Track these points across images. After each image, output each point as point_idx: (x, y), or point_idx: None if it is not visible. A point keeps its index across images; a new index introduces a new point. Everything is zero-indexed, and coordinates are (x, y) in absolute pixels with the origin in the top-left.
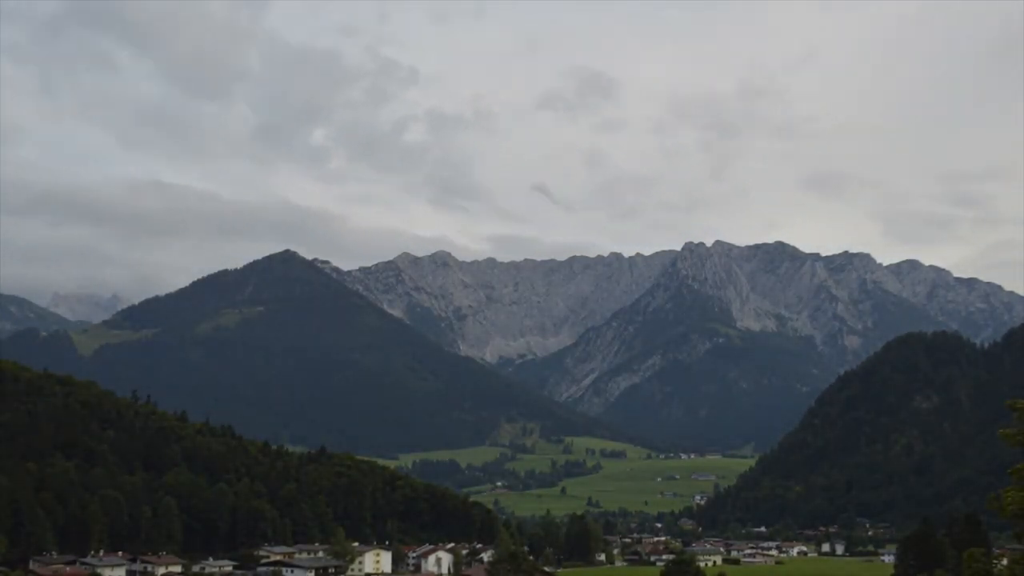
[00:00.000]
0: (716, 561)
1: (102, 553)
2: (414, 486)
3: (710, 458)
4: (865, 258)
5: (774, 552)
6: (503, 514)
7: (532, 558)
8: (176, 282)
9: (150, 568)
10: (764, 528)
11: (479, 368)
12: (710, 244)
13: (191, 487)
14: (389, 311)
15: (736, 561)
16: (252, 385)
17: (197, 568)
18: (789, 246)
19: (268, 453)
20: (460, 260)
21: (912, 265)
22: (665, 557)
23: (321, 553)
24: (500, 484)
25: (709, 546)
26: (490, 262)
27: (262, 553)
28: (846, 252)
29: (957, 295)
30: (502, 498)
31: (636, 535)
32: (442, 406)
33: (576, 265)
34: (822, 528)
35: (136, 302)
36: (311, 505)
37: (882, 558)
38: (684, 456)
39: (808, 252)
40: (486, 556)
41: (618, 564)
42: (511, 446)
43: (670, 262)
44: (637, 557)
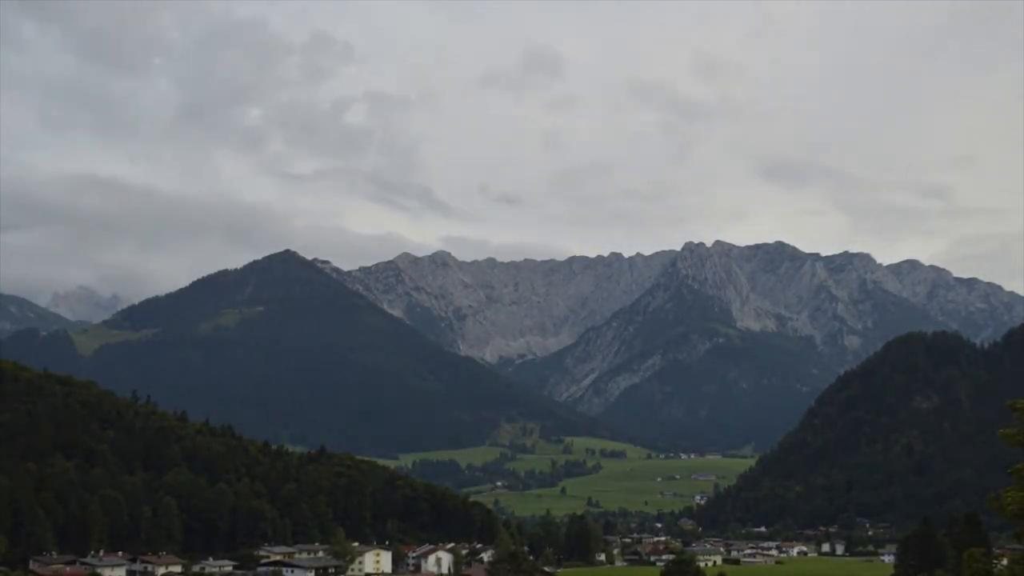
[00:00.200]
0: (716, 561)
1: (102, 553)
2: (414, 486)
3: (710, 458)
4: (865, 258)
5: (774, 552)
6: (503, 514)
7: (532, 558)
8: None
9: (150, 568)
10: (764, 528)
11: (479, 368)
12: (710, 244)
13: (191, 487)
14: (389, 311)
15: (736, 561)
16: (252, 385)
17: (197, 568)
18: (789, 246)
19: (268, 453)
20: (460, 260)
21: (912, 265)
22: (665, 557)
23: (321, 553)
24: (500, 484)
25: (709, 546)
26: (490, 262)
27: (262, 553)
28: (846, 252)
29: (957, 295)
30: (502, 498)
31: (636, 535)
32: (442, 406)
33: (576, 265)
34: (822, 528)
35: (136, 302)
36: (311, 505)
37: (882, 558)
38: (684, 456)
39: (808, 252)
40: (486, 556)
41: (618, 564)
42: (511, 446)
43: (670, 262)
44: (637, 557)
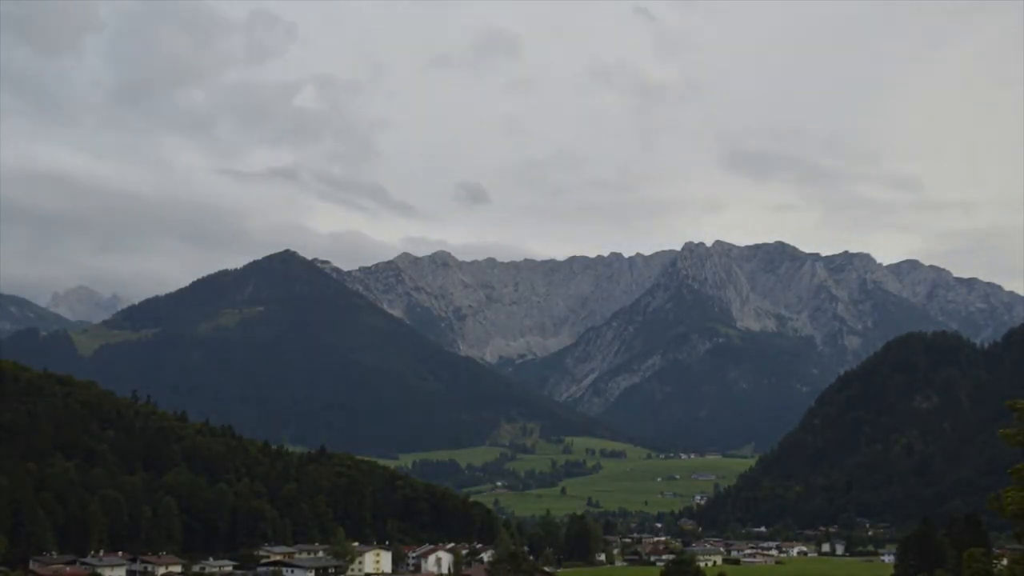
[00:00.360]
0: (716, 561)
1: (102, 553)
2: (414, 486)
3: (710, 458)
4: (865, 258)
5: (774, 552)
6: (503, 514)
7: (532, 558)
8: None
9: (150, 568)
10: (764, 528)
11: (479, 368)
12: (710, 244)
13: (191, 487)
14: (389, 311)
15: (736, 561)
16: (252, 385)
17: (197, 568)
18: (789, 246)
19: (268, 453)
20: (460, 260)
21: (912, 265)
22: (665, 557)
23: (321, 553)
24: (500, 484)
25: (709, 546)
26: (490, 262)
27: (262, 553)
28: (846, 252)
29: (957, 295)
30: (502, 498)
31: (636, 535)
32: (442, 406)
33: (576, 265)
34: (822, 528)
35: (136, 302)
36: (311, 505)
37: (882, 558)
38: (684, 456)
39: (808, 252)
40: (486, 556)
41: (618, 564)
42: (511, 446)
43: (670, 262)
44: (637, 557)
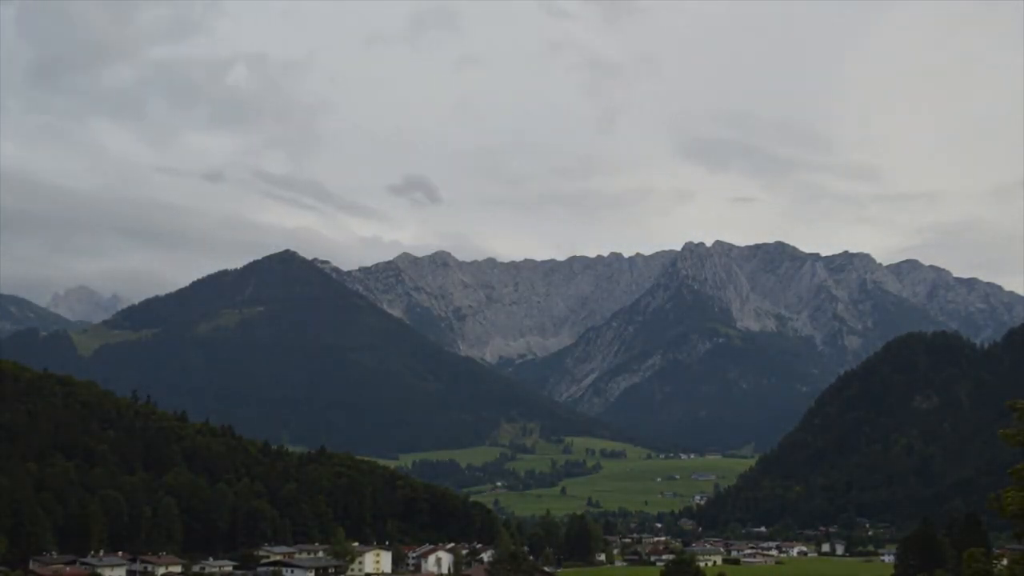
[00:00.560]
0: (716, 561)
1: (102, 553)
2: (414, 486)
3: (710, 458)
4: (865, 258)
5: (774, 552)
6: (503, 514)
7: (532, 558)
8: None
9: (150, 568)
10: (764, 528)
11: (479, 368)
12: (710, 244)
13: (191, 487)
14: (389, 311)
15: (736, 561)
16: (252, 385)
17: (197, 568)
18: (789, 246)
19: (268, 453)
20: (460, 260)
21: (912, 265)
22: (665, 557)
23: (321, 553)
24: (500, 484)
25: (709, 546)
26: (490, 262)
27: (262, 553)
28: (846, 252)
29: (957, 295)
30: (502, 498)
31: (636, 535)
32: (442, 406)
33: (576, 265)
34: (822, 528)
35: (136, 302)
36: (311, 505)
37: (882, 558)
38: (684, 456)
39: (808, 252)
40: (486, 556)
41: (618, 564)
42: (511, 446)
43: (670, 262)
44: (637, 557)
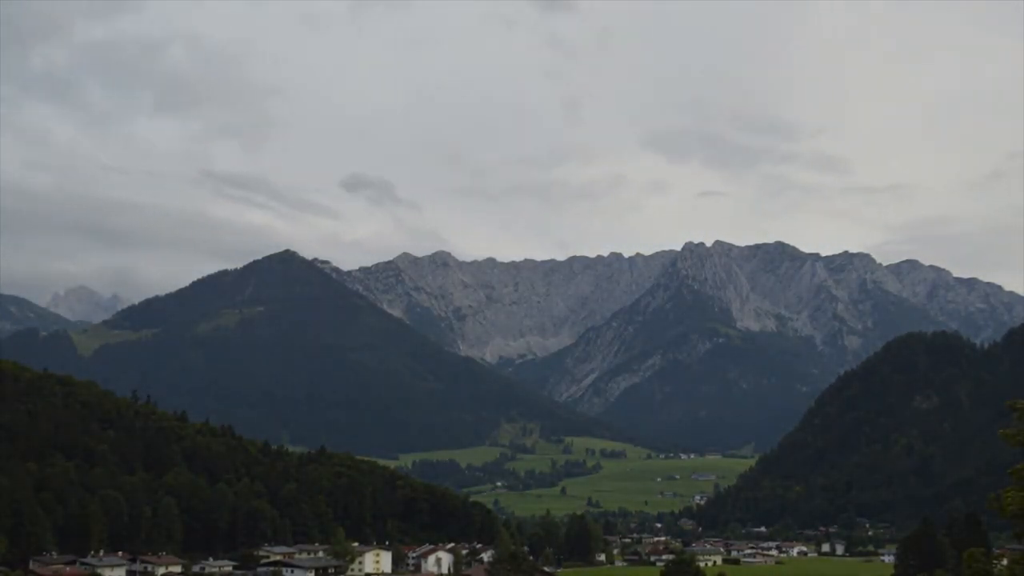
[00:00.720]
0: (716, 561)
1: (102, 553)
2: (414, 486)
3: (710, 458)
4: (865, 258)
5: (774, 552)
6: (503, 514)
7: (532, 558)
8: None
9: (150, 568)
10: (764, 528)
11: (479, 368)
12: (710, 244)
13: (191, 487)
14: (389, 311)
15: (736, 561)
16: (252, 385)
17: (197, 568)
18: (789, 246)
19: (268, 453)
20: (460, 260)
21: (912, 265)
22: (665, 557)
23: (321, 553)
24: (500, 484)
25: (709, 546)
26: (490, 262)
27: (262, 553)
28: (846, 252)
29: (957, 295)
30: (502, 498)
31: (636, 535)
32: (442, 406)
33: (576, 265)
34: (822, 528)
35: (136, 302)
36: (311, 505)
37: (882, 558)
38: (684, 456)
39: (808, 252)
40: (486, 556)
41: (618, 564)
42: (511, 446)
43: (670, 262)
44: (637, 557)
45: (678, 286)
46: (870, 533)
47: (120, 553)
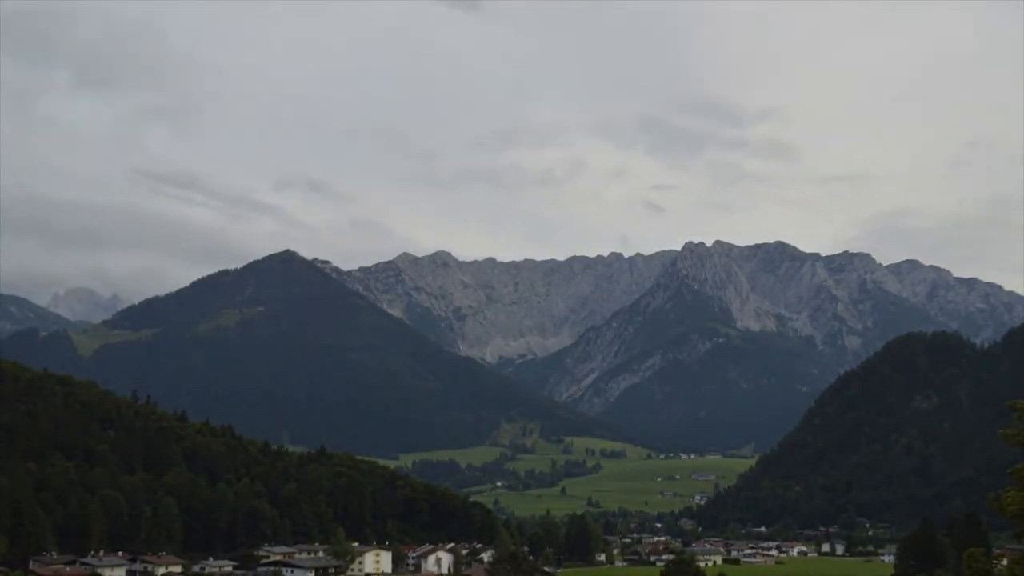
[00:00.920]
0: (716, 561)
1: (102, 553)
2: (414, 486)
3: (710, 458)
4: (865, 258)
5: (774, 552)
6: (503, 514)
7: (532, 558)
8: None
9: (150, 568)
10: (764, 528)
11: (479, 368)
12: (710, 244)
13: (191, 487)
14: (389, 311)
15: (736, 561)
16: (252, 385)
17: (197, 568)
18: (789, 246)
19: (268, 453)
20: (460, 260)
21: (912, 265)
22: (665, 557)
23: (321, 553)
24: (500, 484)
25: (709, 546)
26: (490, 262)
27: (262, 553)
28: (846, 252)
29: (957, 295)
30: (502, 498)
31: (636, 535)
32: (442, 406)
33: (576, 265)
34: (822, 528)
35: (136, 302)
36: (311, 505)
37: (882, 558)
38: (684, 456)
39: (808, 252)
40: (486, 556)
41: (618, 564)
42: (511, 446)
43: (670, 262)
44: (637, 557)
45: (678, 286)
46: (870, 533)
47: (120, 553)
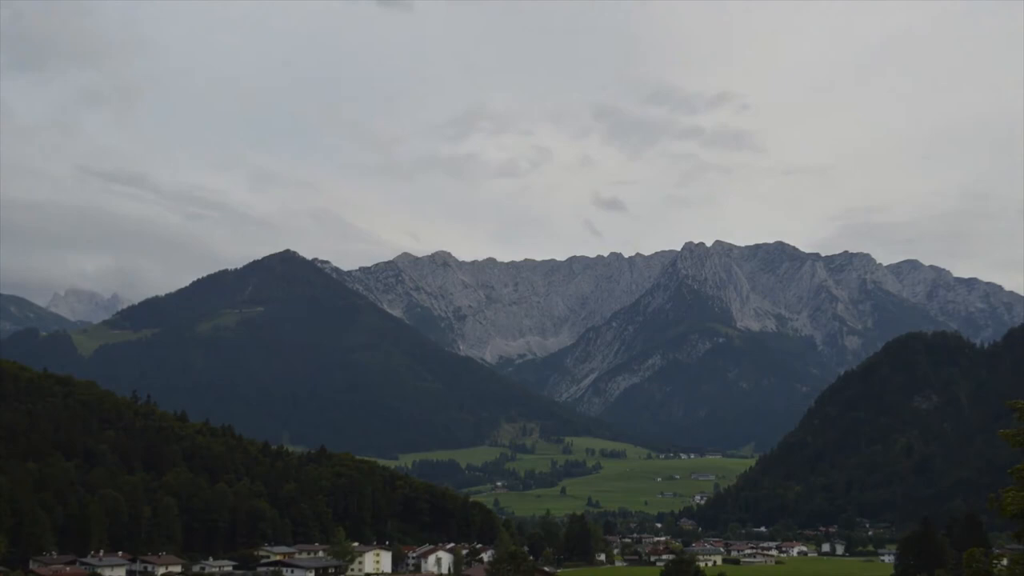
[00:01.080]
0: (716, 561)
1: (102, 553)
2: (414, 486)
3: (710, 458)
4: (865, 258)
5: (774, 552)
6: (503, 514)
7: (532, 558)
8: None
9: (150, 568)
10: (764, 528)
11: (479, 368)
12: (710, 244)
13: (191, 487)
14: (389, 311)
15: (736, 561)
16: (252, 385)
17: (197, 568)
18: (789, 246)
19: (268, 453)
20: (460, 260)
21: (912, 265)
22: (665, 557)
23: (321, 553)
24: (500, 484)
25: (709, 546)
26: (490, 262)
27: (262, 553)
28: (846, 252)
29: (957, 295)
30: (502, 498)
31: (636, 535)
32: (442, 406)
33: (576, 265)
34: (822, 528)
35: (136, 302)
36: (311, 505)
37: (882, 558)
38: (684, 456)
39: (808, 252)
40: (486, 556)
41: (618, 564)
42: (511, 446)
43: (670, 262)
44: (637, 557)
45: (678, 286)
46: (870, 533)
47: (120, 553)
